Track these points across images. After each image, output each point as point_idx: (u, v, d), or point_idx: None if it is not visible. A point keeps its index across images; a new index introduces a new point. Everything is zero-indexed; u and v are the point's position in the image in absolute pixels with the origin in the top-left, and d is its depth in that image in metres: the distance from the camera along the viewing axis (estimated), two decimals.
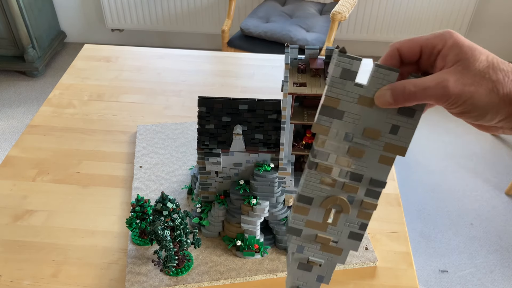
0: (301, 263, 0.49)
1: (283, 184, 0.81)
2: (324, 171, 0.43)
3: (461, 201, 2.06)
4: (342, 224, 0.46)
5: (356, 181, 0.44)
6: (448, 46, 0.40)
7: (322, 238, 0.47)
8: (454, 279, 1.75)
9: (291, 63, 0.74)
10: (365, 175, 0.44)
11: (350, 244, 0.47)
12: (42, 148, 1.09)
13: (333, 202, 0.45)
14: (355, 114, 0.41)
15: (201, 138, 0.80)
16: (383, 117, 0.41)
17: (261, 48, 2.23)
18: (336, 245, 0.48)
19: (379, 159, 0.43)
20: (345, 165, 0.43)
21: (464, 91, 0.38)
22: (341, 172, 0.44)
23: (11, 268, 0.83)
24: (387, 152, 0.43)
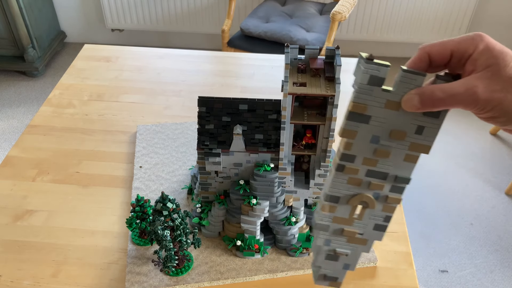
0: (329, 254, 0.51)
1: (283, 184, 0.81)
2: (351, 172, 0.45)
3: (461, 201, 2.06)
4: (367, 218, 0.48)
5: (382, 179, 0.45)
6: (479, 50, 0.39)
7: (349, 231, 0.49)
8: (454, 279, 1.75)
9: (291, 63, 0.74)
10: (390, 173, 0.45)
11: (375, 235, 0.49)
12: (42, 148, 1.09)
13: (360, 200, 0.46)
14: (381, 118, 0.42)
15: (201, 138, 0.80)
16: (409, 119, 0.42)
17: (261, 48, 2.23)
18: (362, 237, 0.49)
19: (405, 158, 0.44)
20: (372, 165, 0.44)
21: (493, 97, 0.38)
22: (367, 172, 0.45)
23: (11, 268, 0.83)
24: (413, 151, 0.44)
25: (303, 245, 0.85)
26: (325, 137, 0.76)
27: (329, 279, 0.54)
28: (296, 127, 0.78)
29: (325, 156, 0.78)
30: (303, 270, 0.82)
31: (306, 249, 0.84)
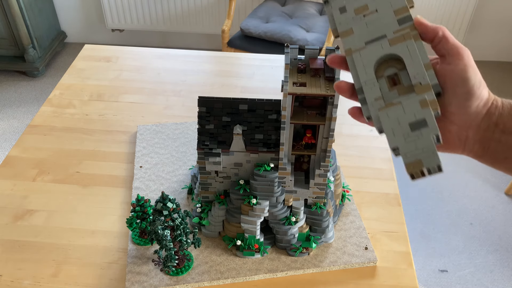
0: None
1: (283, 184, 0.81)
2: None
3: (461, 201, 2.06)
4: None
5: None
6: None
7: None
8: (454, 279, 1.75)
9: (291, 63, 0.74)
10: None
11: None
12: (43, 148, 1.09)
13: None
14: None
15: (201, 138, 0.80)
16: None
17: (261, 48, 2.23)
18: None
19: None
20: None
21: (470, 55, 0.47)
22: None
23: (11, 268, 0.83)
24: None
25: (303, 245, 0.85)
26: (325, 137, 0.76)
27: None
28: (296, 127, 0.79)
29: (325, 156, 0.78)
30: (303, 269, 0.82)
31: (306, 248, 0.84)
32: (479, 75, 0.48)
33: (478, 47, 2.92)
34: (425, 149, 0.46)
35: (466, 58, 0.47)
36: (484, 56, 2.96)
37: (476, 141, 0.49)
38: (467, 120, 0.49)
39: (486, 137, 0.49)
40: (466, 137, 0.50)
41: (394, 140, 0.48)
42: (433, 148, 0.46)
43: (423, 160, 0.46)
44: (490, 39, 2.91)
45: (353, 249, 0.86)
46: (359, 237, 0.88)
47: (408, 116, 0.47)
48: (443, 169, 0.46)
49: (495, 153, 0.49)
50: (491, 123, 0.48)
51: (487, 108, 0.48)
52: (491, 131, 0.48)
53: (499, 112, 0.49)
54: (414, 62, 0.48)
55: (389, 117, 0.48)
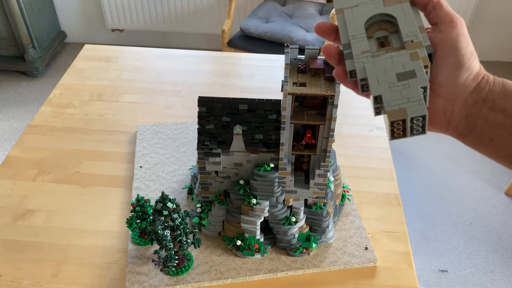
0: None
1: (283, 184, 0.81)
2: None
3: (461, 201, 2.07)
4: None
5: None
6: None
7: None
8: (454, 279, 1.75)
9: (291, 63, 0.74)
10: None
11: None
12: (42, 148, 1.09)
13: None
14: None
15: (201, 138, 0.80)
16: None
17: (261, 48, 2.23)
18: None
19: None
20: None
21: (463, 24, 0.46)
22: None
23: (11, 268, 0.83)
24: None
25: (303, 245, 0.85)
26: (325, 137, 0.76)
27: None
28: (296, 127, 0.78)
29: (325, 156, 0.78)
30: (303, 269, 0.82)
31: (306, 248, 0.84)
32: (471, 45, 0.46)
33: (478, 47, 2.91)
34: (411, 99, 0.43)
35: (459, 27, 0.46)
36: (484, 56, 2.96)
37: (462, 116, 0.47)
38: (454, 92, 0.46)
39: (473, 113, 0.46)
40: (452, 112, 0.47)
41: (378, 88, 0.44)
42: (419, 97, 0.43)
43: (407, 109, 0.43)
44: (490, 39, 2.91)
45: (353, 249, 0.86)
46: (359, 237, 0.88)
47: (396, 67, 0.45)
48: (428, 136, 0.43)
49: (481, 132, 0.47)
50: (480, 98, 0.46)
51: (476, 82, 0.46)
52: (479, 107, 0.46)
53: (489, 88, 0.46)
54: (408, 22, 0.46)
55: (375, 67, 0.45)
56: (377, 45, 0.47)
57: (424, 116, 0.42)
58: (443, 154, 2.30)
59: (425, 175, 2.19)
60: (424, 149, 2.33)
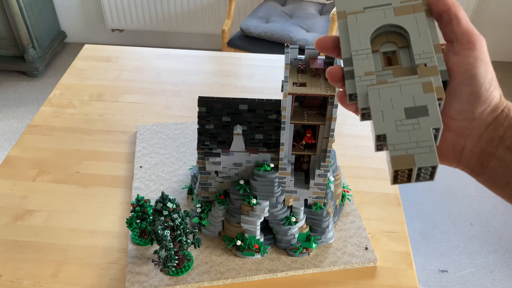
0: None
1: (283, 184, 0.81)
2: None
3: (461, 201, 2.06)
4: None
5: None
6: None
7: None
8: (454, 279, 1.75)
9: (291, 63, 0.74)
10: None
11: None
12: (42, 148, 1.09)
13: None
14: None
15: (201, 138, 0.80)
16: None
17: (261, 48, 2.23)
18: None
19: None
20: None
21: (487, 52, 0.39)
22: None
23: (11, 268, 0.83)
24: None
25: (303, 245, 0.85)
26: (325, 137, 0.76)
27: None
28: (296, 127, 0.78)
29: (325, 156, 0.78)
30: (303, 270, 0.82)
31: (306, 249, 0.84)
32: (491, 73, 0.39)
33: None
34: (421, 144, 0.36)
35: (478, 49, 0.38)
36: None
37: (474, 154, 0.41)
38: (468, 127, 0.40)
39: (487, 152, 0.40)
40: (463, 148, 0.41)
41: (382, 126, 0.37)
42: (431, 143, 0.36)
43: (415, 157, 0.36)
44: (490, 39, 2.91)
45: (353, 249, 0.86)
46: (359, 237, 0.88)
47: (405, 99, 0.37)
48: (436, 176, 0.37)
49: (495, 174, 0.41)
50: (496, 135, 0.39)
51: (494, 116, 0.39)
52: (495, 145, 0.40)
53: (508, 123, 0.39)
54: (421, 39, 0.39)
55: (381, 96, 0.38)
56: (383, 62, 0.41)
57: (433, 167, 0.35)
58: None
59: None
60: None
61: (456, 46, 0.38)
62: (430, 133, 0.36)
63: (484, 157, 0.41)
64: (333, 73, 0.41)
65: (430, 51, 0.38)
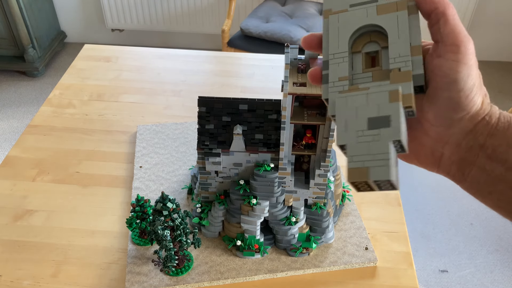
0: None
1: (283, 184, 0.81)
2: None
3: (461, 201, 2.06)
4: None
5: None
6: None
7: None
8: (454, 279, 1.75)
9: (291, 63, 0.74)
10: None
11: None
12: (42, 148, 1.09)
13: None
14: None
15: (201, 138, 0.80)
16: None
17: (261, 48, 2.23)
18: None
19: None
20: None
21: (474, 55, 0.36)
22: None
23: (11, 268, 0.83)
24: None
25: (303, 245, 0.85)
26: (325, 137, 0.76)
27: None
28: (296, 127, 0.78)
29: (325, 156, 0.78)
30: (303, 270, 0.82)
31: (306, 249, 0.84)
32: (474, 78, 0.36)
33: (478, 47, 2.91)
34: (377, 156, 0.34)
35: (462, 52, 0.36)
36: (484, 56, 2.96)
37: (453, 162, 0.39)
38: (445, 134, 0.38)
39: (467, 160, 0.38)
40: (442, 155, 0.40)
41: (343, 136, 0.36)
42: (386, 157, 0.34)
43: (370, 170, 0.34)
44: (490, 39, 2.91)
45: (353, 249, 0.86)
46: (359, 237, 0.88)
47: (370, 109, 0.36)
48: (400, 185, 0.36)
49: (477, 183, 0.39)
50: (476, 144, 0.37)
51: (474, 123, 0.37)
52: (475, 154, 0.38)
53: (489, 132, 0.37)
54: (399, 40, 0.37)
55: (347, 104, 0.37)
56: (364, 63, 0.39)
57: (389, 182, 0.34)
58: None
59: (425, 175, 2.19)
60: None
61: (440, 48, 0.36)
62: (387, 146, 0.34)
63: (464, 165, 0.39)
64: (313, 74, 0.40)
65: (406, 54, 0.37)
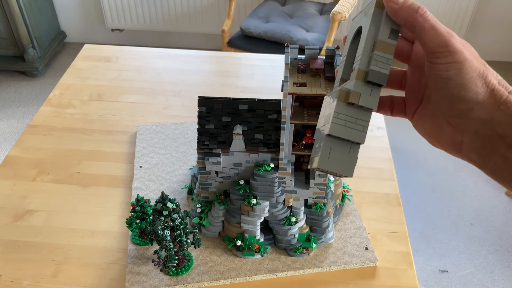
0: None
1: (283, 184, 0.81)
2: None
3: (461, 201, 2.06)
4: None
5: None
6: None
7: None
8: (454, 279, 1.75)
9: (291, 63, 0.74)
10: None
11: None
12: (42, 148, 1.09)
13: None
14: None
15: (201, 138, 0.80)
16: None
17: (261, 48, 2.23)
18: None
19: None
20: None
21: (462, 50, 0.37)
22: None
23: (11, 268, 0.83)
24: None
25: (303, 245, 0.85)
26: None
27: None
28: (296, 127, 0.78)
29: None
30: (303, 270, 0.82)
31: (306, 249, 0.84)
32: (472, 70, 0.38)
33: (478, 47, 2.92)
34: (317, 149, 0.39)
35: (448, 55, 0.37)
36: (484, 56, 2.95)
37: (473, 148, 0.40)
38: (461, 123, 0.39)
39: (487, 148, 0.39)
40: (462, 141, 0.40)
41: (316, 131, 0.42)
42: (319, 149, 0.38)
43: (314, 160, 0.39)
44: (490, 39, 2.91)
45: (353, 249, 0.86)
46: (359, 237, 0.88)
47: (329, 107, 0.39)
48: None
49: (498, 169, 0.39)
50: (494, 133, 0.38)
51: (488, 113, 0.38)
52: (494, 142, 0.38)
53: (507, 122, 0.37)
54: (362, 38, 0.38)
55: (325, 102, 0.41)
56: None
57: (323, 170, 0.38)
58: (443, 154, 2.30)
59: (425, 175, 2.19)
60: (424, 149, 2.33)
61: (426, 53, 0.38)
62: (323, 139, 0.38)
63: (485, 152, 0.39)
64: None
65: (365, 51, 0.38)
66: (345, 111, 0.37)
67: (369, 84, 0.37)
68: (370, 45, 0.37)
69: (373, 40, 0.37)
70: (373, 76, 0.37)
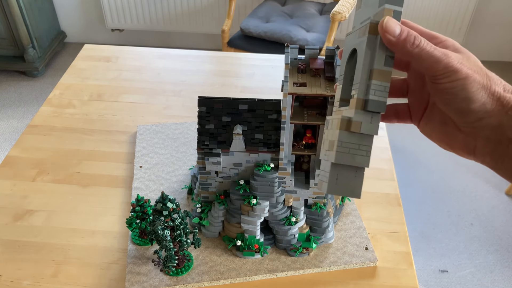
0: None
1: (283, 184, 0.81)
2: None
3: (461, 201, 2.06)
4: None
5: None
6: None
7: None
8: (454, 279, 1.75)
9: (291, 63, 0.74)
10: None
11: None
12: (42, 148, 1.09)
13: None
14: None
15: (201, 138, 0.80)
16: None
17: (261, 48, 2.23)
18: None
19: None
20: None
21: (462, 68, 0.38)
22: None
23: (11, 268, 0.83)
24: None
25: (303, 245, 0.85)
26: None
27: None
28: (296, 127, 0.78)
29: None
30: (303, 270, 0.82)
31: (306, 249, 0.84)
32: (475, 85, 0.39)
33: (478, 47, 2.92)
34: (323, 174, 0.41)
35: (447, 76, 0.39)
36: (484, 56, 2.96)
37: (486, 152, 0.42)
38: (473, 130, 0.41)
39: (499, 152, 0.41)
40: (475, 146, 0.42)
41: (321, 152, 0.43)
42: (326, 175, 0.40)
43: (322, 185, 0.41)
44: (490, 39, 2.91)
45: (353, 249, 0.86)
46: (359, 237, 0.88)
47: (332, 133, 0.41)
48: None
49: (511, 171, 0.41)
50: (504, 137, 0.40)
51: (497, 119, 0.40)
52: (505, 146, 0.40)
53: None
54: (359, 65, 0.39)
55: (327, 123, 0.42)
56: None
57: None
58: (443, 154, 2.30)
59: (425, 175, 2.19)
60: (424, 149, 2.33)
61: (428, 77, 0.40)
62: (328, 167, 0.40)
63: (497, 155, 0.41)
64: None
65: (362, 79, 0.38)
66: (348, 139, 0.39)
67: (369, 112, 0.38)
68: (366, 74, 0.38)
69: (369, 68, 0.38)
70: (372, 105, 0.38)
